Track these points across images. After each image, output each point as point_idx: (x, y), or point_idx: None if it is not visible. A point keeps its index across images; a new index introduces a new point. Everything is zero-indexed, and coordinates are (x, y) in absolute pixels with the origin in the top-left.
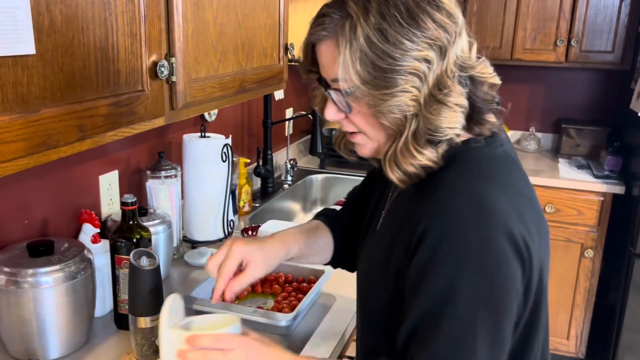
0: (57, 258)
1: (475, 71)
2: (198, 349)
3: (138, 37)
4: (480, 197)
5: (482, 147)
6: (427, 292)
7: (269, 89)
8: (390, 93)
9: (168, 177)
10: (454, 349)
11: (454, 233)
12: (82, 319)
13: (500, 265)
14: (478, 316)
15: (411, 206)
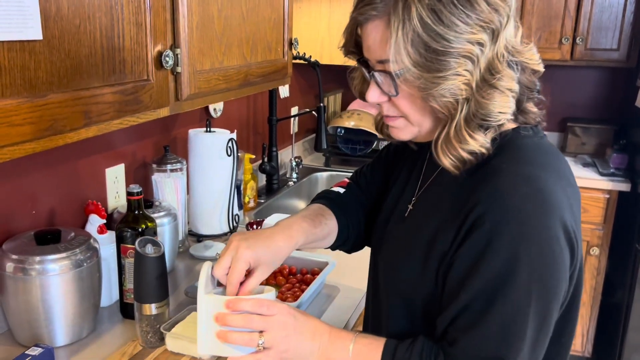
0: (63, 246)
1: (524, 57)
2: (239, 313)
3: (143, 26)
4: (539, 185)
5: (532, 136)
6: (482, 275)
7: (274, 83)
8: (443, 76)
9: (174, 170)
10: (505, 331)
11: (513, 220)
12: (88, 307)
13: (555, 254)
14: (531, 301)
15: (460, 193)
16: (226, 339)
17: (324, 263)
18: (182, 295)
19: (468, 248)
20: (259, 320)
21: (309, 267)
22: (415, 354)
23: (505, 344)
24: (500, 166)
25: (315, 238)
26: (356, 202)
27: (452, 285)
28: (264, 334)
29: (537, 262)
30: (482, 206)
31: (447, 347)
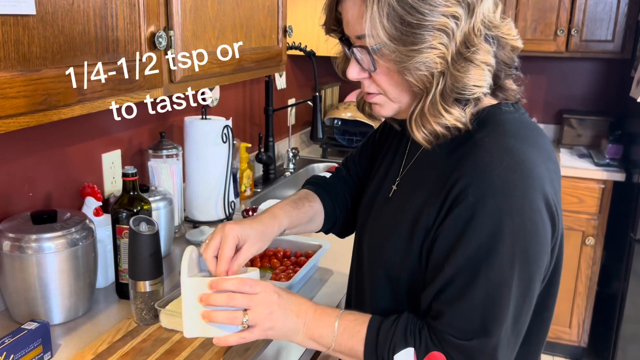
0: (59, 225)
1: (501, 31)
2: (222, 292)
3: (137, 7)
4: (520, 158)
5: (512, 112)
6: (465, 248)
7: (268, 70)
8: (417, 49)
9: (170, 156)
10: (489, 303)
11: (497, 193)
12: (84, 286)
13: (537, 226)
14: (514, 273)
15: (443, 169)
16: (210, 318)
17: (318, 246)
18: (177, 277)
19: (452, 222)
20: (242, 298)
21: (303, 249)
22: (399, 329)
23: (489, 315)
24: (482, 140)
25: (299, 220)
26: (343, 185)
27: (437, 260)
28: (248, 312)
29: (520, 234)
30: (464, 180)
31: (432, 321)
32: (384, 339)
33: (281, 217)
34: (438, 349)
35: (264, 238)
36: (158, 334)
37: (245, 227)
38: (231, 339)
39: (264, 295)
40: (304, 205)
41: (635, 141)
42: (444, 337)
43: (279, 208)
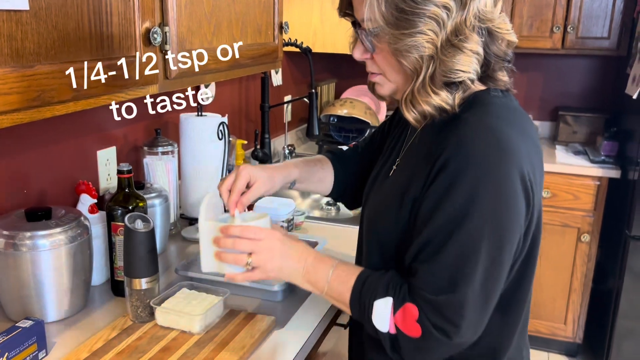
0: (54, 222)
1: (493, 24)
2: (230, 237)
3: (131, 3)
4: (499, 135)
5: (500, 97)
6: (443, 212)
7: (264, 66)
8: (408, 33)
9: (165, 153)
10: (458, 262)
11: (475, 164)
12: (79, 283)
13: (509, 197)
14: (484, 237)
15: (432, 145)
16: (221, 258)
17: (314, 243)
18: (173, 275)
19: (433, 189)
20: (246, 243)
21: None
22: (383, 281)
23: (458, 274)
24: (467, 119)
25: (309, 177)
26: (356, 159)
27: (418, 224)
28: (252, 255)
29: (493, 204)
30: (447, 152)
31: (410, 278)
32: (368, 288)
33: (292, 168)
34: (412, 300)
35: (272, 182)
36: (154, 331)
37: (258, 169)
38: (238, 277)
39: (266, 242)
40: (316, 166)
41: (631, 138)
42: (418, 292)
43: (292, 162)
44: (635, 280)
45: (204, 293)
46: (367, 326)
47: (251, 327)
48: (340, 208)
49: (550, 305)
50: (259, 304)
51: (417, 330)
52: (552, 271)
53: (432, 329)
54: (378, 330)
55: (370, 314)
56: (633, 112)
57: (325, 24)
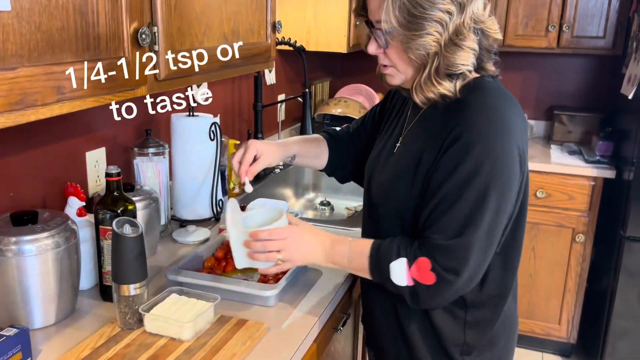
0: (40, 227)
1: (485, 25)
2: (259, 241)
3: (119, 2)
4: (502, 112)
5: (492, 82)
6: (455, 175)
7: (256, 66)
8: (418, 34)
9: (156, 154)
10: (468, 213)
11: (483, 136)
12: (66, 289)
13: (509, 162)
14: (490, 192)
15: (440, 123)
16: (253, 258)
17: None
18: (163, 279)
19: (446, 159)
20: (274, 244)
21: None
22: (394, 245)
23: (468, 222)
24: (471, 100)
25: (307, 153)
26: (349, 140)
27: (432, 187)
28: (280, 252)
29: (496, 168)
30: (458, 128)
31: (422, 232)
32: (383, 254)
33: (292, 144)
34: (423, 254)
35: (276, 156)
36: (142, 338)
37: (264, 144)
38: (272, 270)
39: (290, 239)
40: (313, 143)
41: (626, 138)
42: (430, 241)
43: (292, 139)
44: (630, 280)
45: (194, 299)
46: (388, 285)
47: (242, 333)
48: (334, 208)
49: (545, 305)
50: (251, 309)
51: (431, 277)
52: (547, 271)
53: (444, 272)
54: (398, 285)
55: (388, 275)
56: (628, 111)
57: (319, 22)
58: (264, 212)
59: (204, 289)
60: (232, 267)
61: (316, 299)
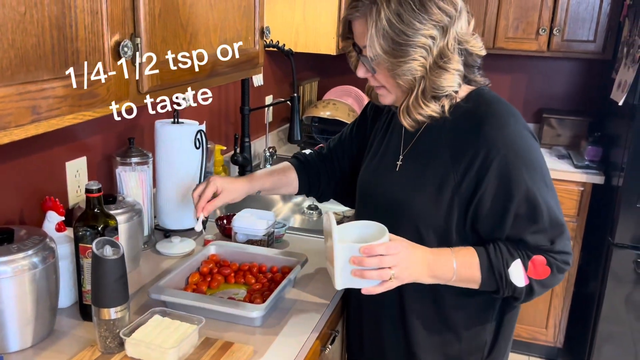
0: (16, 247)
1: (469, 45)
2: (373, 256)
3: (99, 15)
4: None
5: (489, 92)
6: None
7: (244, 73)
8: (403, 61)
9: (139, 163)
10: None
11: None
12: (44, 310)
13: (543, 159)
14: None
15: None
16: (364, 276)
17: (295, 261)
18: (145, 297)
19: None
20: (390, 259)
21: (279, 265)
22: (504, 250)
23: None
24: (486, 116)
25: (273, 184)
26: (320, 161)
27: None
28: (392, 268)
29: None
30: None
31: (522, 243)
32: (496, 260)
33: (255, 182)
34: (534, 252)
35: (235, 193)
36: None
37: (225, 182)
38: (378, 289)
39: (402, 254)
40: (279, 174)
41: (615, 143)
42: (538, 249)
43: (259, 173)
44: (618, 285)
45: (178, 321)
46: (503, 290)
47: (228, 358)
48: (322, 212)
49: (532, 309)
50: (236, 329)
51: (547, 271)
52: None
53: (560, 264)
54: (516, 287)
55: (508, 278)
56: (618, 116)
57: (309, 23)
58: (352, 228)
59: (189, 308)
60: (217, 283)
61: (303, 316)
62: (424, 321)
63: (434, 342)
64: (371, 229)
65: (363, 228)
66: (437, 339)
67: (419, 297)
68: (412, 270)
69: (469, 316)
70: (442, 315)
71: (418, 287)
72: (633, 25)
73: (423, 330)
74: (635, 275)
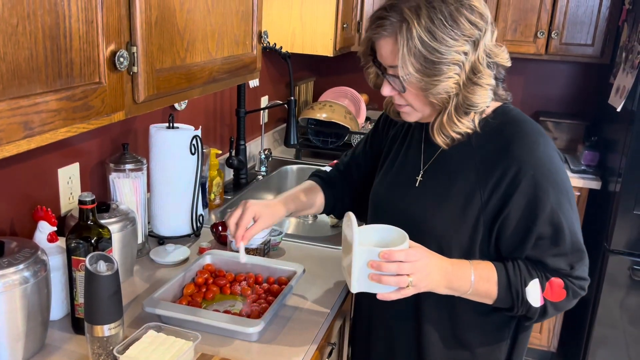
0: (6, 261)
1: (498, 58)
2: (392, 262)
3: (94, 24)
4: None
5: (513, 109)
6: (542, 209)
7: (241, 79)
8: (438, 80)
9: (133, 170)
10: (571, 236)
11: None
12: (35, 326)
13: (565, 174)
14: (573, 211)
15: (483, 159)
16: (382, 281)
17: (292, 272)
18: (139, 308)
19: (521, 194)
20: (409, 266)
21: (275, 275)
22: (523, 268)
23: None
24: (513, 134)
25: (303, 205)
26: (340, 178)
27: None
28: (411, 275)
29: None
30: (515, 165)
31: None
32: (514, 278)
33: (290, 205)
34: (553, 274)
35: (274, 218)
36: None
37: (262, 206)
38: (394, 295)
39: (422, 262)
40: (308, 195)
41: (612, 148)
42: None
43: (289, 197)
44: (613, 290)
45: (173, 337)
46: (517, 308)
47: None
48: (317, 216)
49: None
50: (233, 344)
51: (563, 294)
52: None
53: (577, 289)
54: (531, 307)
55: (524, 297)
56: (615, 121)
57: (305, 24)
58: (372, 231)
59: (184, 322)
60: (213, 294)
61: (300, 330)
62: (439, 339)
63: (448, 359)
64: (392, 234)
65: (383, 232)
66: (452, 356)
67: (436, 315)
68: (430, 279)
69: (484, 335)
70: (458, 333)
71: (435, 305)
72: (632, 31)
73: (438, 349)
74: (631, 282)
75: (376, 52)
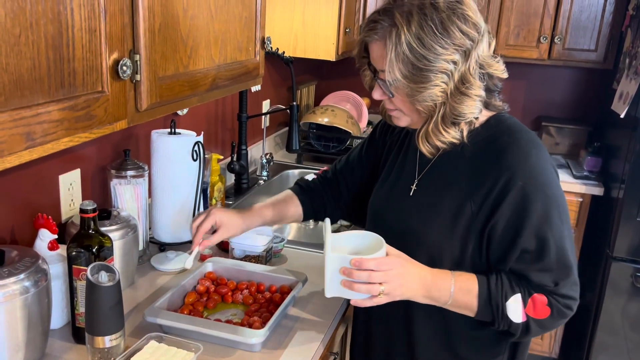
0: (7, 271)
1: (492, 69)
2: (364, 270)
3: (97, 33)
4: (540, 150)
5: (509, 118)
6: (530, 221)
7: (243, 85)
8: (424, 87)
9: (135, 176)
10: (559, 252)
11: (535, 175)
12: (35, 336)
13: (560, 190)
14: (564, 225)
15: (475, 168)
16: (353, 289)
17: (294, 281)
18: (140, 317)
19: (508, 205)
20: (380, 275)
21: (278, 284)
22: (505, 282)
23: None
24: (507, 143)
25: (275, 216)
26: (323, 185)
27: (504, 235)
28: (383, 284)
29: (558, 199)
30: (506, 174)
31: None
32: (495, 291)
33: (257, 216)
34: (537, 291)
35: (236, 229)
36: None
37: (226, 215)
38: (367, 303)
39: (395, 271)
40: (281, 205)
41: (615, 154)
42: (540, 288)
43: (259, 208)
44: (616, 297)
45: (175, 347)
46: (498, 323)
47: None
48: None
49: None
50: (235, 354)
51: (546, 312)
52: None
53: (562, 307)
54: (512, 322)
55: (504, 311)
56: (618, 127)
57: (308, 28)
58: (350, 237)
59: (186, 332)
60: (214, 303)
61: (302, 340)
62: (434, 354)
63: None
64: (369, 240)
65: (362, 238)
66: None
67: (431, 330)
68: (405, 288)
69: (479, 349)
70: (454, 347)
71: (429, 320)
72: (636, 37)
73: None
74: (633, 288)
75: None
